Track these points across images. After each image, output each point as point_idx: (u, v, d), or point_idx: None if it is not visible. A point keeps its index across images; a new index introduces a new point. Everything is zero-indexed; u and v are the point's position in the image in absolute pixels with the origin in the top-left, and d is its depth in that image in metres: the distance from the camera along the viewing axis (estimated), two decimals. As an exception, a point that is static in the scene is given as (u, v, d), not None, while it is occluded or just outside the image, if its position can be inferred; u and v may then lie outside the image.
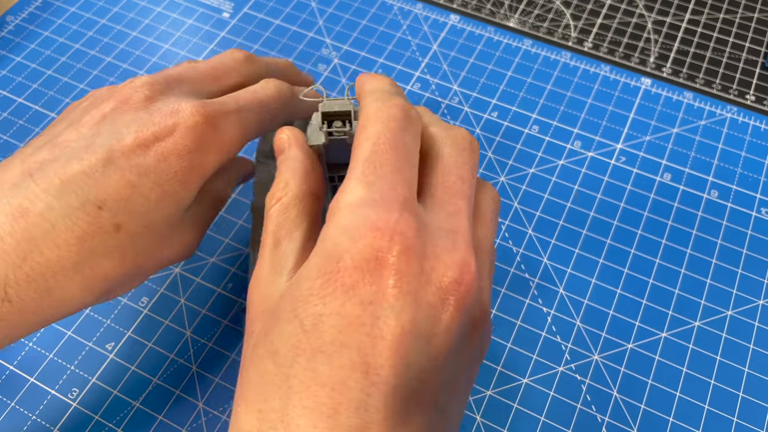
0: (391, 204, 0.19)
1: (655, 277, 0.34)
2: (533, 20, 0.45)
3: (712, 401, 0.30)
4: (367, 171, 0.19)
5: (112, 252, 0.22)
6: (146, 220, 0.23)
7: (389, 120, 0.21)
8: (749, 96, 0.41)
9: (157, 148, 0.23)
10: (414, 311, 0.18)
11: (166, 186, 0.23)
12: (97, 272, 0.22)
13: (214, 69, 0.27)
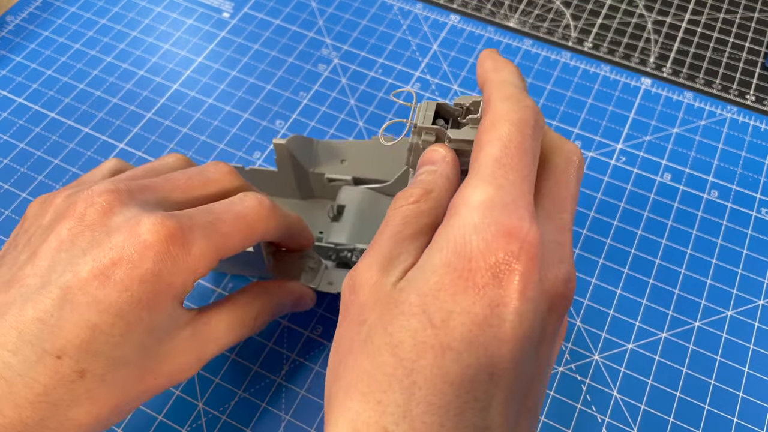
0: (522, 212, 0.18)
1: (655, 277, 0.34)
2: (533, 20, 0.45)
3: (712, 401, 0.30)
4: (498, 173, 0.19)
5: (80, 400, 0.21)
6: (114, 359, 0.21)
7: (521, 123, 0.20)
8: (749, 96, 0.41)
9: (116, 277, 0.21)
10: (532, 319, 0.18)
11: (130, 317, 0.21)
12: (67, 424, 0.21)
13: (190, 179, 0.25)
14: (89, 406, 0.21)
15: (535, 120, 0.20)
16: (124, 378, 0.22)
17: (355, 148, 0.33)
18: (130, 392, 0.22)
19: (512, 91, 0.21)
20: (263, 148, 0.39)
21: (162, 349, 0.23)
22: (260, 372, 0.31)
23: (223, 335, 0.25)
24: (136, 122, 0.40)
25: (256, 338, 0.32)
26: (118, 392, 0.22)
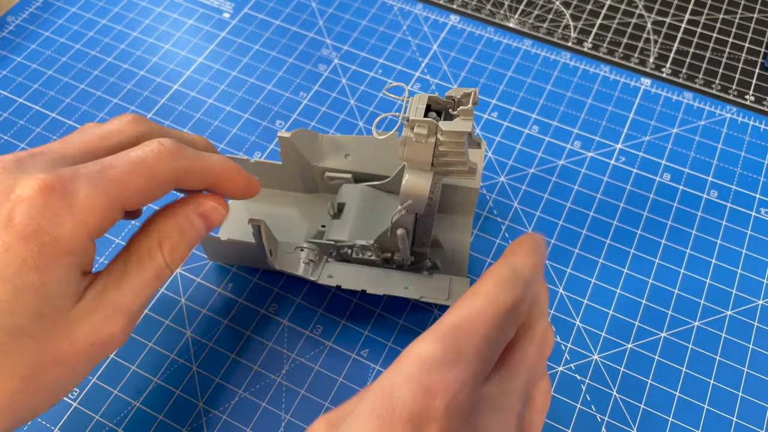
0: (457, 375, 0.19)
1: (655, 277, 0.34)
2: (533, 21, 0.45)
3: (712, 401, 0.30)
4: (449, 336, 0.20)
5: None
6: (8, 326, 0.20)
7: (495, 300, 0.21)
8: (749, 96, 0.41)
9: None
10: None
11: (16, 279, 0.20)
12: None
13: (87, 135, 0.24)
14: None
15: (513, 308, 0.21)
16: (28, 347, 0.20)
17: (358, 143, 0.33)
18: (39, 367, 0.21)
19: (509, 275, 0.22)
20: (263, 148, 0.39)
21: (66, 316, 0.21)
22: (260, 371, 0.31)
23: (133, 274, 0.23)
24: (137, 122, 0.40)
25: (257, 338, 0.32)
26: (24, 362, 0.20)
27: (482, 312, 0.20)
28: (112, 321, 0.22)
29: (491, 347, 0.20)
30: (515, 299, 0.21)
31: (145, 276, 0.23)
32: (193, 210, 0.25)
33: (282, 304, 0.33)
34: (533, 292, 0.23)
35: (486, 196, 0.37)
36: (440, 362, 0.19)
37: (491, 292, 0.21)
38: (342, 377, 0.31)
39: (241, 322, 0.32)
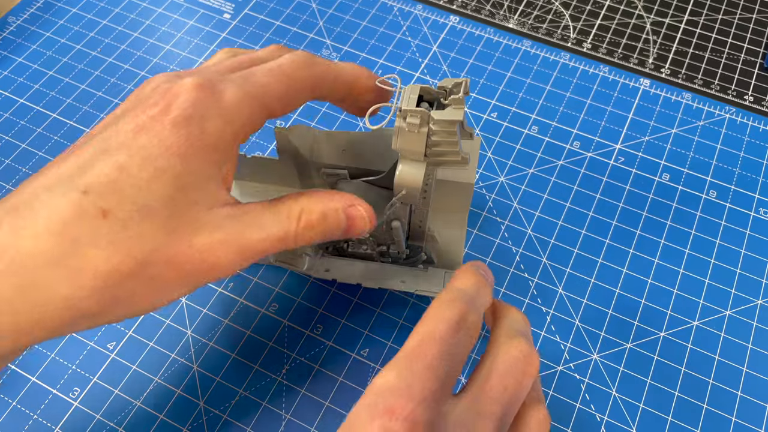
0: (412, 394, 0.20)
1: (654, 276, 0.34)
2: (532, 21, 0.45)
3: (711, 400, 0.31)
4: (403, 363, 0.21)
5: (99, 240, 0.20)
6: (139, 204, 0.20)
7: (441, 321, 0.22)
8: (748, 96, 0.41)
9: (148, 125, 0.21)
10: None
11: (159, 161, 0.21)
12: (83, 264, 0.20)
13: (235, 59, 0.26)
14: (109, 251, 0.20)
15: (458, 320, 0.22)
16: (150, 231, 0.21)
17: (354, 139, 0.33)
18: (152, 254, 0.21)
19: (451, 295, 0.23)
20: (264, 148, 0.39)
21: (196, 216, 0.22)
22: (261, 371, 0.31)
23: (267, 223, 0.23)
24: (137, 123, 0.40)
25: (257, 337, 0.32)
26: (143, 245, 0.21)
27: (431, 333, 0.22)
28: (227, 250, 0.22)
29: (445, 362, 0.21)
30: (461, 312, 0.22)
31: (272, 232, 0.23)
32: (344, 206, 0.25)
33: (282, 304, 0.33)
34: (481, 304, 0.24)
35: (485, 196, 0.37)
36: (395, 387, 0.20)
37: (437, 312, 0.22)
38: (342, 377, 0.31)
39: (242, 321, 0.33)
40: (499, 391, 0.22)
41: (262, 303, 0.33)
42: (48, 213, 0.20)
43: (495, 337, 0.24)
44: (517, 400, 0.23)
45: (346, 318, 0.33)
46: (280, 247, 0.24)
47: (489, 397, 0.22)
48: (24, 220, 0.20)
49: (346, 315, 0.33)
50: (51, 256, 0.20)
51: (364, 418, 0.20)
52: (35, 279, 0.20)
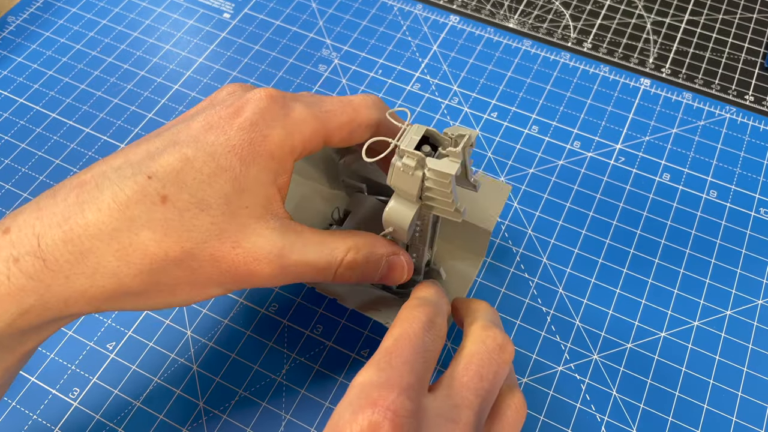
0: (392, 387, 0.21)
1: (654, 276, 0.34)
2: (533, 21, 0.45)
3: (711, 400, 0.30)
4: (382, 360, 0.22)
5: (154, 224, 0.21)
6: (197, 197, 0.22)
7: (412, 321, 0.23)
8: (748, 96, 0.41)
9: (217, 124, 0.23)
10: None
11: (222, 160, 0.22)
12: (135, 242, 0.21)
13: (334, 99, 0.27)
14: (161, 234, 0.21)
15: (427, 319, 0.24)
16: (202, 224, 0.22)
17: None
18: (201, 246, 0.22)
19: (417, 301, 0.25)
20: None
21: (246, 220, 0.23)
22: (261, 371, 0.31)
23: (311, 251, 0.24)
24: (138, 122, 0.40)
25: (257, 337, 0.32)
26: (190, 237, 0.22)
27: (405, 332, 0.23)
28: (269, 262, 0.23)
29: (420, 358, 0.22)
30: (428, 314, 0.24)
31: (314, 260, 0.24)
32: (389, 254, 0.26)
33: (282, 304, 0.33)
34: (444, 310, 0.25)
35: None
36: (375, 382, 0.21)
37: (408, 315, 0.24)
38: (342, 377, 0.31)
39: (242, 321, 0.32)
40: (477, 381, 0.23)
41: (262, 303, 0.33)
42: (113, 191, 0.21)
43: (469, 330, 0.25)
44: (495, 389, 0.23)
45: (346, 318, 0.33)
46: (318, 277, 0.25)
47: (467, 387, 0.22)
48: (89, 195, 0.21)
49: (346, 315, 0.33)
50: (107, 230, 0.21)
51: (348, 416, 0.21)
52: (89, 248, 0.21)
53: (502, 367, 0.24)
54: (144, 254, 0.21)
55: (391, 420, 0.20)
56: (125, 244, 0.21)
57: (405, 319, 0.24)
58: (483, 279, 0.34)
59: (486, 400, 0.23)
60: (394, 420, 0.20)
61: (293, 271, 0.24)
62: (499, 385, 0.24)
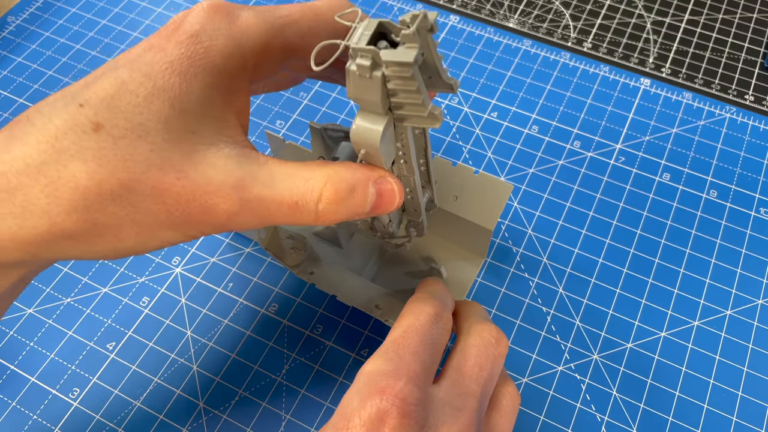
0: (400, 375, 0.21)
1: (655, 276, 0.34)
2: (533, 21, 0.45)
3: (712, 400, 0.30)
4: (390, 350, 0.23)
5: (85, 153, 0.19)
6: (133, 122, 0.19)
7: (420, 314, 0.24)
8: (748, 96, 0.41)
9: (155, 42, 0.20)
10: None
11: (159, 79, 0.20)
12: (65, 175, 0.19)
13: None
14: (93, 165, 0.19)
15: (434, 313, 0.24)
16: (140, 152, 0.19)
17: None
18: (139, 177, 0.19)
19: (426, 296, 0.25)
20: (264, 148, 0.39)
21: (193, 147, 0.20)
22: (261, 371, 0.31)
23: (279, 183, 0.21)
24: (137, 122, 0.40)
25: (257, 338, 0.32)
26: (130, 166, 0.19)
27: (413, 324, 0.24)
28: (224, 196, 0.20)
29: (427, 349, 0.23)
30: (436, 308, 0.24)
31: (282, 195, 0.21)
32: (374, 179, 0.22)
33: (282, 304, 0.33)
34: (449, 305, 0.26)
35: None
36: (384, 371, 0.22)
37: (415, 308, 0.24)
38: (342, 377, 0.31)
39: (241, 322, 0.32)
40: (477, 371, 0.23)
41: (262, 303, 0.33)
42: (43, 124, 0.19)
43: (465, 326, 0.26)
44: (493, 379, 0.24)
45: (346, 318, 0.33)
46: (296, 216, 0.21)
47: (469, 377, 0.23)
48: (20, 130, 0.19)
49: (346, 315, 0.33)
50: (34, 164, 0.19)
51: (356, 403, 0.21)
52: (16, 185, 0.19)
53: (498, 358, 0.24)
54: (75, 188, 0.19)
55: (399, 407, 0.20)
56: (54, 178, 0.19)
57: (413, 312, 0.24)
58: (483, 279, 0.34)
59: (486, 388, 0.23)
60: (402, 407, 0.20)
61: (258, 209, 0.20)
62: (497, 376, 0.24)
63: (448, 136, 0.39)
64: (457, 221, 0.32)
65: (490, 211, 0.31)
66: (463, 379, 0.23)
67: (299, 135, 0.39)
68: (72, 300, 0.33)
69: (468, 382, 0.23)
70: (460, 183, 0.32)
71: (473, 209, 0.32)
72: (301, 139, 0.39)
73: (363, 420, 0.20)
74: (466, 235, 0.33)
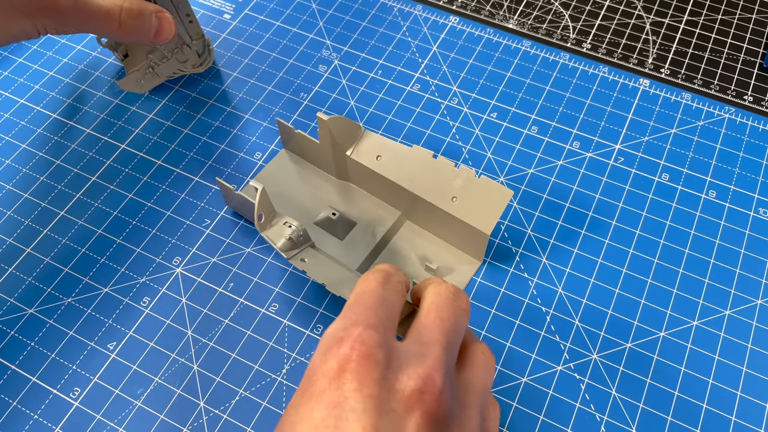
0: (357, 324, 0.21)
1: (654, 276, 0.34)
2: (532, 21, 0.45)
3: (711, 400, 0.31)
4: (346, 310, 0.23)
5: None
6: None
7: (369, 281, 0.24)
8: (747, 96, 0.41)
9: None
10: (375, 415, 0.19)
11: None
12: None
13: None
14: None
15: (382, 277, 0.25)
16: None
17: (395, 150, 0.34)
18: None
19: (371, 270, 0.26)
20: (264, 148, 0.39)
21: None
22: (261, 371, 0.31)
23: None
24: (139, 122, 0.40)
25: (257, 337, 0.32)
26: None
27: (363, 289, 0.24)
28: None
29: (381, 306, 0.23)
30: (384, 274, 0.25)
31: (102, 4, 0.31)
32: (156, 11, 0.33)
33: (282, 304, 0.33)
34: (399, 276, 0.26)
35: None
36: (341, 326, 0.22)
37: (364, 278, 0.25)
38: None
39: (242, 321, 0.33)
40: (438, 322, 0.23)
41: (262, 303, 0.33)
42: None
43: (424, 293, 0.25)
44: (457, 331, 0.24)
45: (346, 318, 0.33)
46: (105, 23, 0.31)
47: (430, 328, 0.23)
48: None
49: (346, 315, 0.33)
50: None
51: (318, 361, 0.21)
52: None
53: (460, 312, 0.24)
54: None
55: (358, 350, 0.20)
56: None
57: (363, 280, 0.25)
58: (483, 279, 0.34)
59: (450, 338, 0.23)
60: (361, 349, 0.20)
61: (86, 9, 0.29)
62: (462, 329, 0.24)
63: (448, 136, 0.39)
64: (455, 223, 0.32)
65: (489, 215, 0.32)
66: (426, 330, 0.23)
67: (299, 135, 0.39)
68: (73, 300, 0.33)
69: (430, 332, 0.23)
70: (461, 185, 0.32)
71: (471, 212, 0.32)
72: (301, 139, 0.39)
73: (325, 372, 0.20)
74: (463, 237, 0.33)
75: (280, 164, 0.38)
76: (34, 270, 0.34)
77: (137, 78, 0.39)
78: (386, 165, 0.34)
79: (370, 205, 0.36)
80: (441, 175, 0.33)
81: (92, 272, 0.34)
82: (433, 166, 0.33)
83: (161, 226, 0.36)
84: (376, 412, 0.19)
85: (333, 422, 0.19)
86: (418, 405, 0.20)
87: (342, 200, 0.36)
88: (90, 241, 0.35)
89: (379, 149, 0.34)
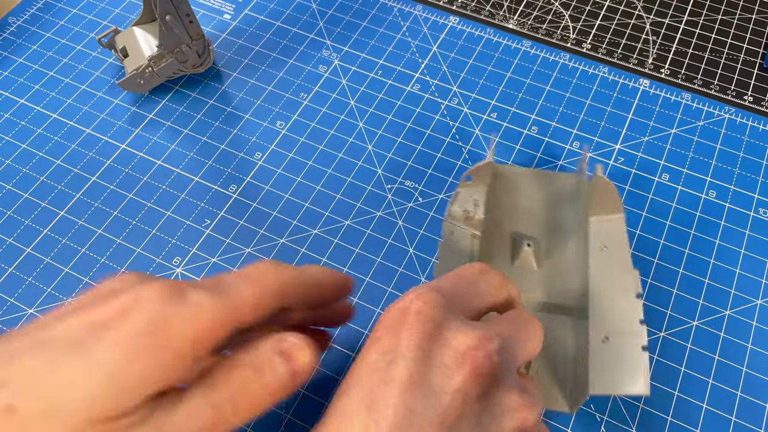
0: (428, 287, 0.23)
1: (654, 276, 0.34)
2: (532, 21, 0.45)
3: (711, 400, 0.31)
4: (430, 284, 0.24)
5: None
6: (50, 403, 0.18)
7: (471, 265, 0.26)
8: (747, 97, 0.41)
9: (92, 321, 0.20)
10: (425, 365, 0.21)
11: (109, 365, 0.19)
12: None
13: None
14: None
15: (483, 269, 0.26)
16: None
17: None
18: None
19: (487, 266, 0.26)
20: (264, 148, 0.39)
21: None
22: (261, 371, 0.31)
23: (173, 421, 0.20)
24: (139, 122, 0.40)
25: (257, 337, 0.32)
26: None
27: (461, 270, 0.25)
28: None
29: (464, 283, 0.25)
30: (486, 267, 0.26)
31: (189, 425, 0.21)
32: (273, 347, 0.22)
33: (282, 304, 0.33)
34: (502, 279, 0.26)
35: (485, 196, 0.37)
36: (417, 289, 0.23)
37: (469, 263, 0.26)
38: (342, 377, 0.31)
39: (242, 321, 0.33)
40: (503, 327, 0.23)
41: (262, 303, 0.33)
42: None
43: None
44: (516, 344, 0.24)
45: (346, 318, 0.33)
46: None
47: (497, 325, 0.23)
48: None
49: (346, 315, 0.33)
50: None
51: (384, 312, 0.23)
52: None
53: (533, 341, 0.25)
54: None
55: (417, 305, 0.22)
56: None
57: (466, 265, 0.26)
58: (483, 279, 0.34)
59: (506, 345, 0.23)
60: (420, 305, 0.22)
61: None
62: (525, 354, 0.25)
63: (448, 136, 0.39)
64: None
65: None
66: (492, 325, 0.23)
67: (299, 135, 0.39)
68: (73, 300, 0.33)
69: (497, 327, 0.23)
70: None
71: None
72: (301, 139, 0.39)
73: (386, 321, 0.22)
74: None
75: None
76: (34, 270, 0.34)
77: (137, 78, 0.39)
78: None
79: None
80: None
81: (92, 272, 0.34)
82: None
83: (161, 226, 0.36)
84: (426, 362, 0.21)
85: (384, 366, 0.21)
86: (470, 361, 0.21)
87: None
88: (90, 241, 0.35)
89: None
